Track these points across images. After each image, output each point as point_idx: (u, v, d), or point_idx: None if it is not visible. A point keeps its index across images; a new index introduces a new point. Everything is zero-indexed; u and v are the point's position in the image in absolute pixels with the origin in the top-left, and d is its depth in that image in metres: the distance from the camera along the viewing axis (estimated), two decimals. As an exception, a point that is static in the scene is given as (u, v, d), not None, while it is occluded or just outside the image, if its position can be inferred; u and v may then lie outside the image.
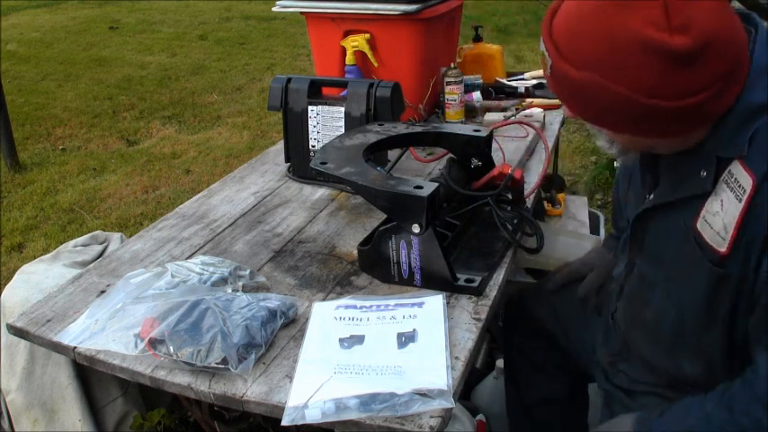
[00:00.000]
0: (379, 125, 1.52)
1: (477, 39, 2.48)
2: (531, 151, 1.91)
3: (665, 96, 0.84)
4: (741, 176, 0.87)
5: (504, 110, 2.14)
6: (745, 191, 0.86)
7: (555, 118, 2.16)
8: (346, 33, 2.02)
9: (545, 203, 2.29)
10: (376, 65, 2.01)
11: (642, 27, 0.82)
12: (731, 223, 0.88)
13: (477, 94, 2.20)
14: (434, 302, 1.17)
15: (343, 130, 1.68)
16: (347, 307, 1.18)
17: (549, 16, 0.93)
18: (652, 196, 1.05)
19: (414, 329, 1.10)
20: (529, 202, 1.58)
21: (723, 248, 0.90)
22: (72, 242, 1.75)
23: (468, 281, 1.23)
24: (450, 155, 1.49)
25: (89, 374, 1.52)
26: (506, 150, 1.81)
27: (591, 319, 1.38)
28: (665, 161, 1.03)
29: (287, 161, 1.82)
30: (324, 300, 1.24)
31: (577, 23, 0.87)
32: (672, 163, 1.01)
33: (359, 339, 1.09)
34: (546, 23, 0.93)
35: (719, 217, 0.90)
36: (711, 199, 0.92)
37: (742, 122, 0.88)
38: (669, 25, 0.81)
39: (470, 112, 2.16)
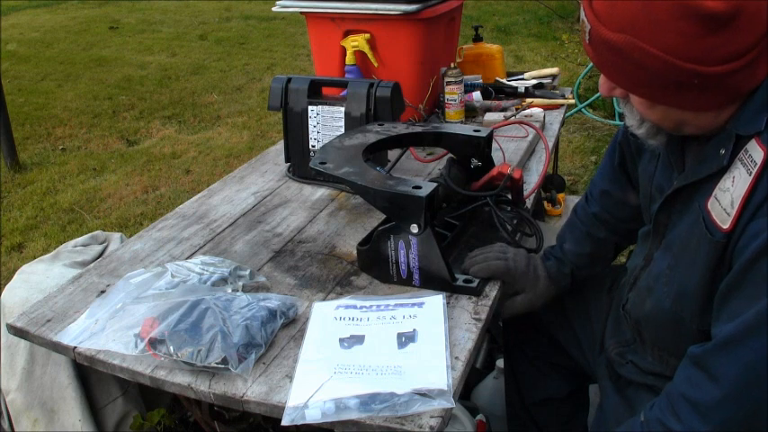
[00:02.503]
0: (379, 125, 1.53)
1: (478, 39, 2.48)
2: (531, 151, 1.91)
3: (697, 60, 0.85)
4: (755, 152, 0.88)
5: (504, 110, 2.14)
6: (756, 164, 0.87)
7: (555, 118, 2.16)
8: (346, 33, 2.02)
9: (545, 203, 2.29)
10: (376, 65, 2.01)
11: None
12: (738, 197, 0.88)
13: (477, 94, 2.20)
14: (434, 302, 1.17)
15: (343, 130, 1.68)
16: (347, 307, 1.18)
17: None
18: (675, 183, 1.05)
19: (414, 329, 1.10)
20: (529, 202, 1.58)
21: (727, 225, 0.90)
22: (72, 242, 1.75)
23: (466, 281, 1.23)
24: (450, 155, 1.49)
25: (89, 374, 1.52)
26: (506, 150, 1.81)
27: (595, 315, 1.38)
28: (690, 150, 1.03)
29: (287, 161, 1.82)
30: (324, 300, 1.24)
31: None
32: (697, 149, 1.01)
33: (359, 339, 1.09)
34: None
35: (729, 193, 0.91)
36: (725, 177, 0.92)
37: (766, 101, 0.89)
38: None
39: (470, 112, 2.17)
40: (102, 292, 1.28)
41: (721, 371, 0.88)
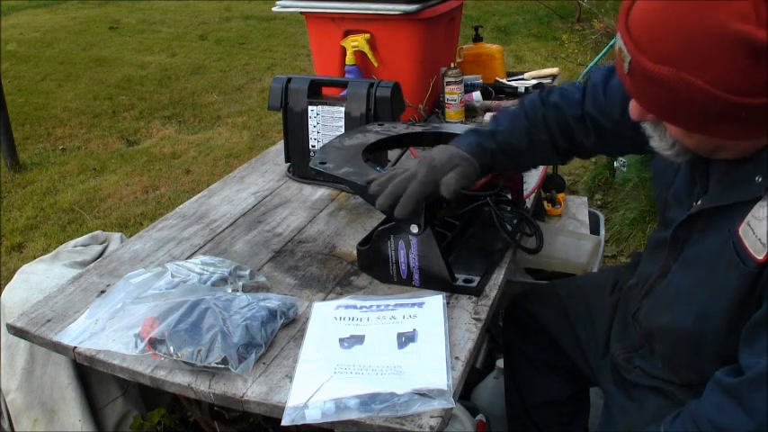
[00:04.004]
0: (379, 125, 1.53)
1: (478, 39, 2.48)
2: (530, 151, 1.91)
3: (745, 93, 0.81)
4: None
5: (503, 110, 2.14)
6: None
7: (555, 118, 2.16)
8: (346, 33, 2.02)
9: (545, 203, 2.29)
10: (376, 65, 2.01)
11: (729, 19, 0.78)
12: None
13: (477, 94, 2.20)
14: (434, 302, 1.17)
15: (343, 130, 1.68)
16: (347, 307, 1.18)
17: (624, 12, 0.90)
18: (699, 202, 1.02)
19: (414, 329, 1.10)
20: (529, 202, 1.58)
21: (761, 256, 0.88)
22: (72, 242, 1.75)
23: (466, 281, 1.23)
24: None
25: (89, 374, 1.52)
26: (506, 150, 1.81)
27: (597, 317, 1.38)
28: (717, 168, 1.00)
29: (287, 161, 1.82)
30: (324, 300, 1.24)
31: (658, 16, 0.84)
32: (725, 169, 0.98)
33: (359, 339, 1.09)
34: (622, 19, 0.89)
35: (765, 222, 0.88)
36: (759, 204, 0.90)
37: None
38: (757, 18, 0.78)
39: (470, 112, 2.16)
40: (102, 292, 1.28)
41: (756, 404, 0.87)
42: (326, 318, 1.16)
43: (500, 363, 1.74)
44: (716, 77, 0.81)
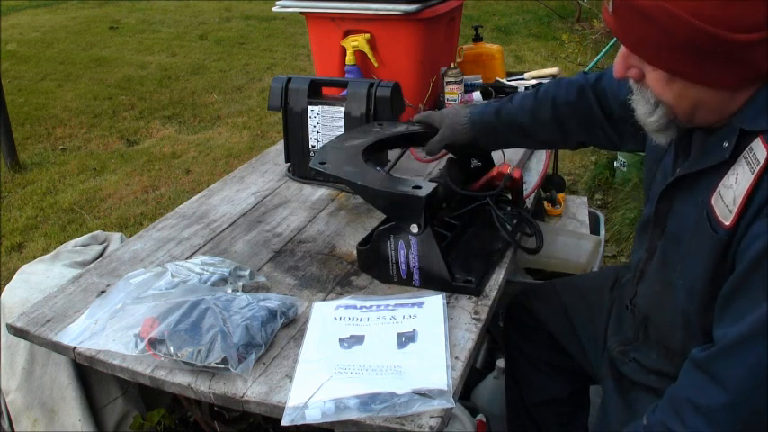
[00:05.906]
0: (379, 125, 1.53)
1: (478, 39, 2.48)
2: (531, 151, 1.91)
3: (723, 25, 0.83)
4: (759, 151, 0.88)
5: (503, 110, 2.13)
6: (759, 163, 0.87)
7: (555, 118, 2.16)
8: (346, 33, 2.02)
9: (545, 203, 2.29)
10: (376, 65, 2.01)
11: None
12: (741, 195, 0.88)
13: (477, 94, 2.20)
14: (434, 302, 1.17)
15: (343, 130, 1.68)
16: (347, 307, 1.18)
17: None
18: (678, 171, 1.05)
19: (414, 329, 1.10)
20: (529, 202, 1.58)
21: (728, 222, 0.90)
22: (72, 242, 1.75)
23: (466, 281, 1.23)
24: (450, 155, 1.49)
25: (89, 374, 1.52)
26: (506, 150, 1.81)
27: (597, 314, 1.38)
28: (697, 138, 1.03)
29: (287, 161, 1.82)
30: (324, 300, 1.24)
31: None
32: (703, 139, 1.01)
33: (359, 339, 1.09)
34: None
35: (732, 190, 0.91)
36: (729, 173, 0.92)
37: None
38: None
39: (470, 112, 2.16)
40: (102, 292, 1.28)
41: (726, 375, 0.87)
42: (326, 318, 1.16)
43: (500, 362, 1.74)
44: (696, 7, 0.84)
